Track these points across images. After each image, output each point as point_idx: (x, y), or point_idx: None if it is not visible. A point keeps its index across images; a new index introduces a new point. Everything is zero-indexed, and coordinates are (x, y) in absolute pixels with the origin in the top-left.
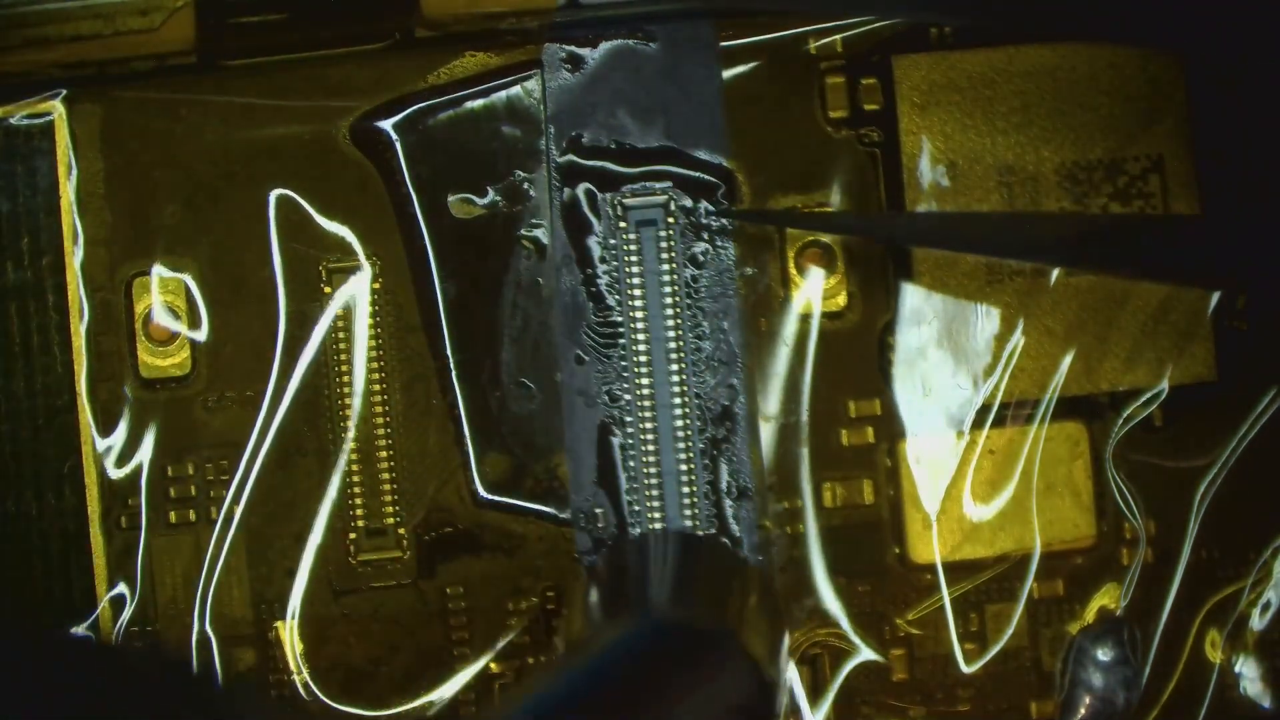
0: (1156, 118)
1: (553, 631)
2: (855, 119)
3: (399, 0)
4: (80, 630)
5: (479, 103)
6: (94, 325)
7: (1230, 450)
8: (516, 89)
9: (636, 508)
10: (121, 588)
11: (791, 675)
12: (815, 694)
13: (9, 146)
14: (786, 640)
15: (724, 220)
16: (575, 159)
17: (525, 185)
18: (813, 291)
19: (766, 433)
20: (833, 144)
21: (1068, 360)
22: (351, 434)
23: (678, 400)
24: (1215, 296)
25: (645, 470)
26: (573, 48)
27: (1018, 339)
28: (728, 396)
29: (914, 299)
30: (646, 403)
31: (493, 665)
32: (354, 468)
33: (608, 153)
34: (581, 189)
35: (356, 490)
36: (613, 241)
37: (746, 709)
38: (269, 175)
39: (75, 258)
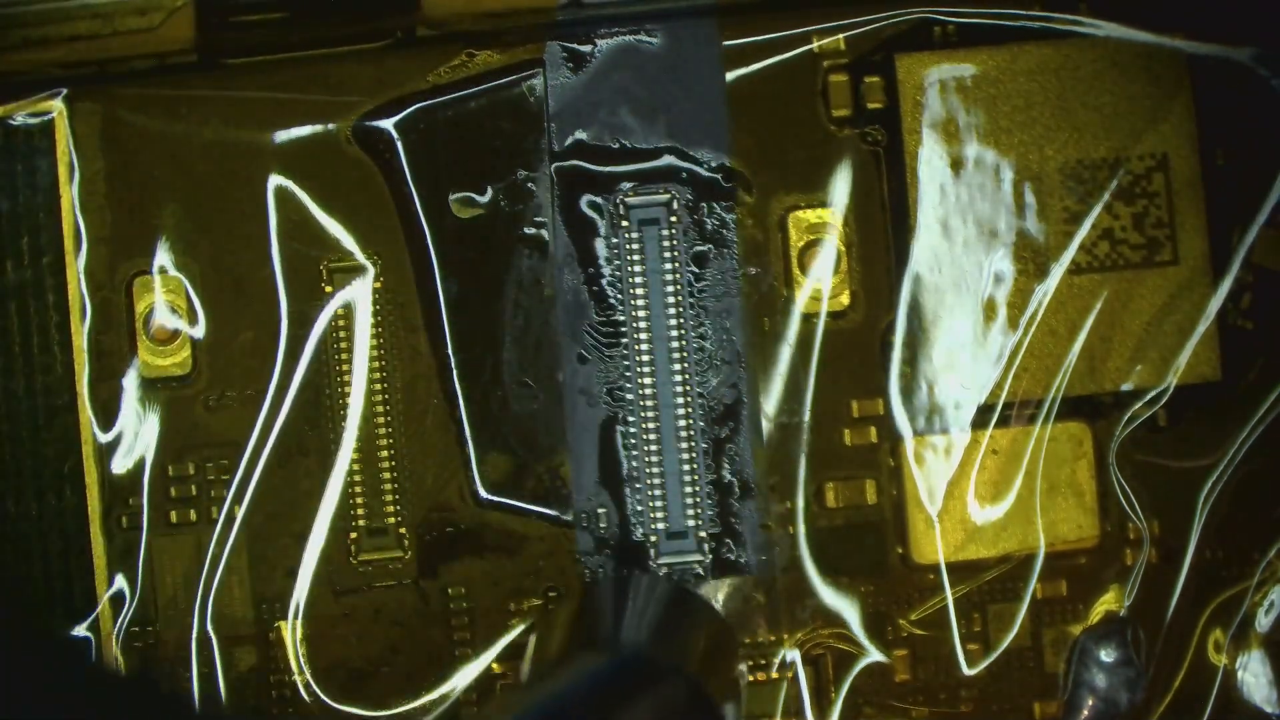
0: (1161, 116)
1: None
2: (858, 118)
3: None
4: (80, 632)
5: (481, 102)
6: (94, 325)
7: (1234, 450)
8: (518, 88)
9: (639, 508)
10: (122, 587)
11: (795, 670)
12: (818, 694)
13: (9, 146)
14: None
15: (728, 219)
16: (577, 158)
17: (527, 184)
18: (816, 291)
19: (769, 432)
20: (836, 142)
21: (1071, 360)
22: (353, 433)
23: (680, 400)
24: (1220, 295)
25: (648, 470)
26: (574, 46)
27: (1021, 338)
28: (730, 396)
29: (917, 299)
30: (649, 402)
31: (494, 665)
32: (355, 467)
33: (610, 151)
34: (583, 188)
35: (358, 490)
36: (615, 240)
37: None
38: (269, 174)
39: (76, 257)
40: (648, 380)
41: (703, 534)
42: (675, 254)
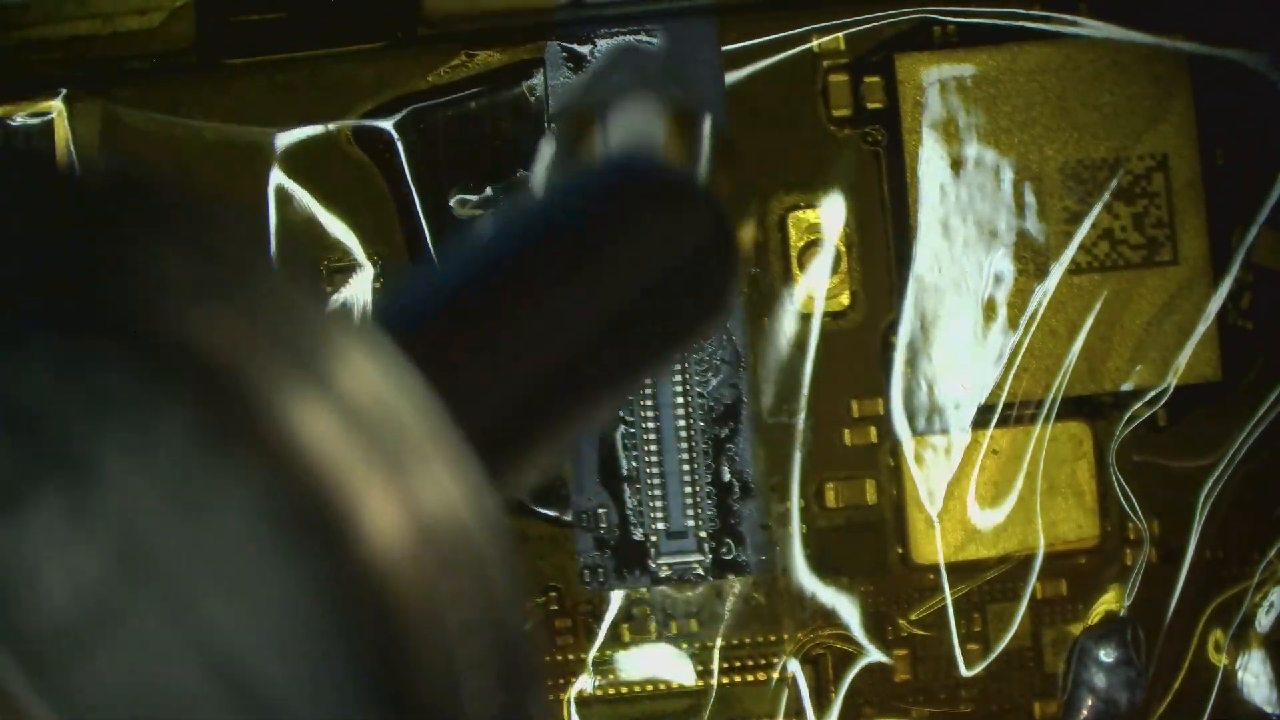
0: (1161, 116)
1: (554, 632)
2: (858, 118)
3: None
4: None
5: (481, 102)
6: None
7: (1235, 450)
8: (518, 88)
9: (639, 507)
10: None
11: (795, 671)
12: (818, 694)
13: (9, 146)
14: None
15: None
16: None
17: (527, 184)
18: (816, 291)
19: (769, 433)
20: (836, 143)
21: (1071, 360)
22: None
23: (680, 399)
24: (1220, 295)
25: (648, 470)
26: (574, 46)
27: (1021, 338)
28: (730, 396)
29: (917, 299)
30: (649, 402)
31: None
32: None
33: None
34: None
35: None
36: None
37: (706, 250)
38: (269, 174)
39: None
40: (647, 380)
41: (703, 534)
42: None
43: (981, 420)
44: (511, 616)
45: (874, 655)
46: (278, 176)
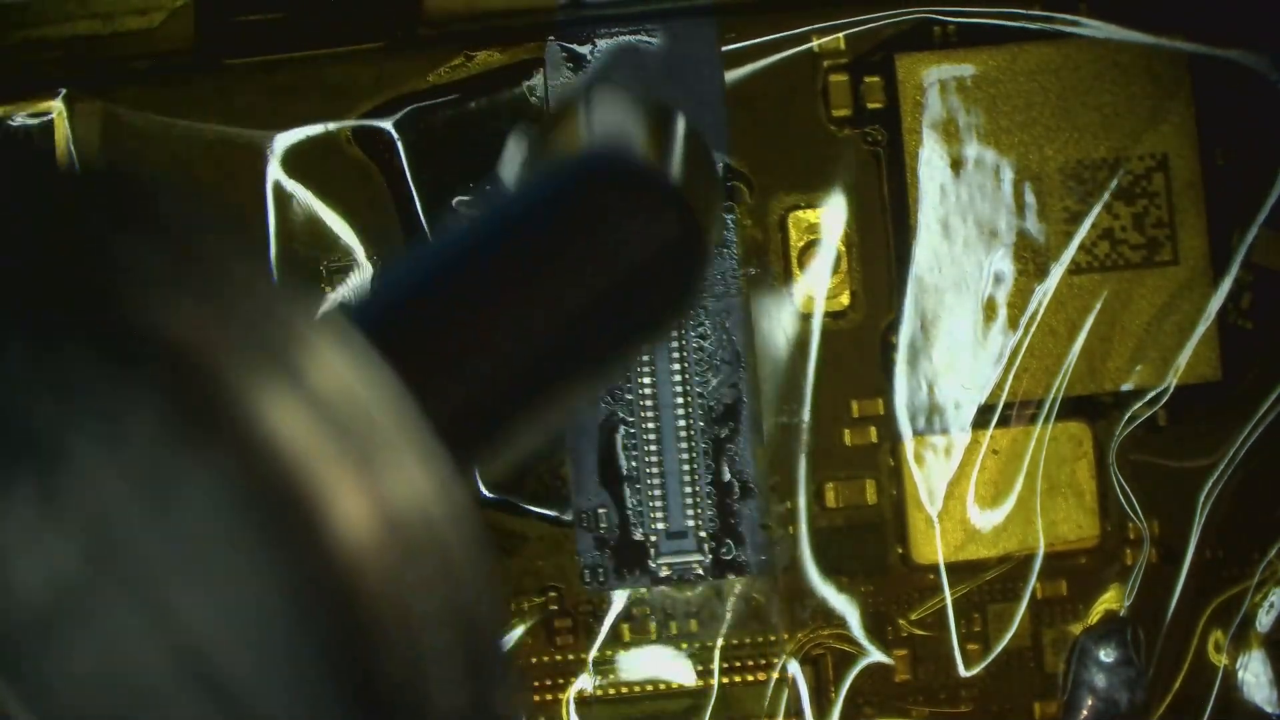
0: (1161, 116)
1: (554, 632)
2: (858, 118)
3: None
4: None
5: (481, 102)
6: None
7: (1235, 450)
8: (518, 88)
9: (639, 507)
10: None
11: (795, 671)
12: (818, 694)
13: (9, 146)
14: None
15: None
16: None
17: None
18: (816, 291)
19: (769, 432)
20: (836, 143)
21: (1071, 360)
22: None
23: (680, 400)
24: (1220, 295)
25: (648, 470)
26: (574, 46)
27: (1021, 338)
28: (730, 396)
29: (917, 299)
30: (649, 402)
31: None
32: None
33: None
34: None
35: None
36: None
37: (674, 245)
38: (269, 174)
39: None
40: (647, 380)
41: (703, 534)
42: None
43: (981, 420)
44: (481, 608)
45: (874, 655)
46: (278, 176)
